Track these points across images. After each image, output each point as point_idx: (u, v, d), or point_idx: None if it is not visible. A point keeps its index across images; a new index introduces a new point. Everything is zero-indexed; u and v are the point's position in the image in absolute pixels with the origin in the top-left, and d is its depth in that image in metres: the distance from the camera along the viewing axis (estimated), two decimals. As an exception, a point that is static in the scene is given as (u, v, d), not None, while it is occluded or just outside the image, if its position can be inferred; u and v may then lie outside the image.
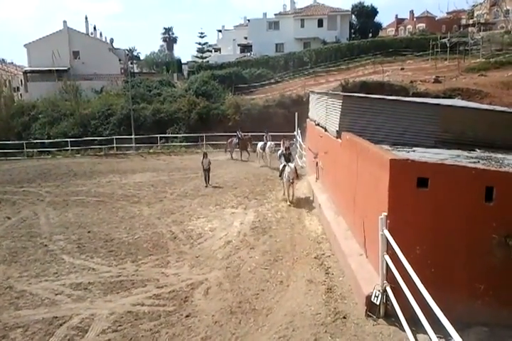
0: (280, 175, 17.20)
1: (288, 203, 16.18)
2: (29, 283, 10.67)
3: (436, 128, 12.28)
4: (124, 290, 10.01)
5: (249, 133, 28.38)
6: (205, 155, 21.33)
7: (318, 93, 18.06)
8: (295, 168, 16.69)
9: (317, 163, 16.33)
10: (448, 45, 43.40)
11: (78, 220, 15.76)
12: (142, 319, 8.73)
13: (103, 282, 10.51)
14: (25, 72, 52.04)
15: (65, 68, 49.12)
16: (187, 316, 8.74)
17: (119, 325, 8.56)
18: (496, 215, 6.89)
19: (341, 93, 16.33)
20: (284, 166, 16.70)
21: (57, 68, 46.67)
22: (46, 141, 33.48)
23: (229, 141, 28.24)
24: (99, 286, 10.29)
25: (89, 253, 12.47)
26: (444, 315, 4.53)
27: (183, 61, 67.67)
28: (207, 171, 20.89)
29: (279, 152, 18.73)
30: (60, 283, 10.59)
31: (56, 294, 10.01)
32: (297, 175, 16.89)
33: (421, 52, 46.39)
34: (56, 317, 8.99)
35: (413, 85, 34.77)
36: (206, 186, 20.44)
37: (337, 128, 12.54)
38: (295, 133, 27.48)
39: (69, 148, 32.34)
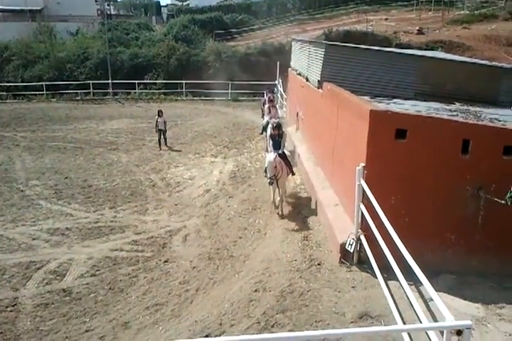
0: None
1: (277, 212, 10.63)
2: (5, 227, 10.65)
3: (416, 79, 12.20)
4: (102, 236, 10.10)
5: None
6: (159, 113, 18.42)
7: (300, 41, 17.58)
8: (281, 157, 10.65)
9: (297, 114, 16.20)
10: (433, -5, 42.39)
11: (55, 166, 15.55)
12: (120, 264, 8.87)
13: (81, 228, 10.55)
14: (-5, 11, 49.27)
15: (39, 8, 46.57)
16: (165, 261, 8.90)
17: (98, 270, 8.69)
18: (470, 168, 6.99)
19: (324, 42, 15.92)
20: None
21: (30, 8, 44.17)
22: (20, 84, 32.25)
23: (263, 103, 19.89)
24: (77, 232, 10.34)
25: (67, 199, 12.42)
26: (415, 263, 4.67)
27: (162, 3, 64.92)
28: (162, 132, 18.09)
29: (268, 126, 13.49)
30: (37, 228, 10.60)
31: (33, 239, 10.05)
32: (288, 168, 10.88)
33: (405, 2, 45.30)
34: (33, 261, 9.07)
35: (396, 36, 34.18)
36: (160, 150, 17.70)
37: (318, 78, 12.34)
38: (276, 82, 27.02)
39: (44, 92, 31.30)
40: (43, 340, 6.82)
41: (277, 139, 11.00)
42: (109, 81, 31.61)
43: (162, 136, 18.04)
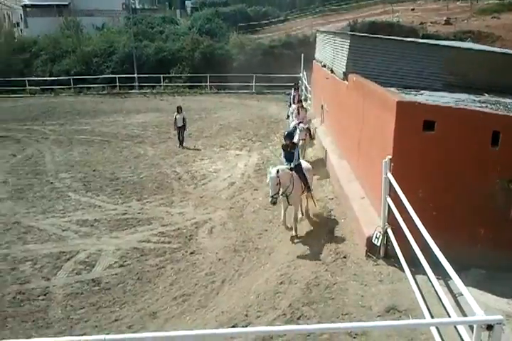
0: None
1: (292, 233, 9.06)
2: (36, 218, 10.92)
3: (443, 70, 11.97)
4: (130, 228, 10.28)
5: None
6: (178, 109, 17.61)
7: (325, 32, 17.41)
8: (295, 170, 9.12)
9: (322, 106, 16.08)
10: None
11: (83, 159, 15.85)
12: (148, 255, 9.01)
13: (109, 219, 10.75)
14: (24, 7, 50.12)
15: (66, 3, 47.20)
16: (191, 253, 9.01)
17: (126, 261, 8.85)
18: (500, 160, 6.85)
19: (349, 32, 15.72)
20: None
21: (57, 3, 44.83)
22: (48, 78, 32.88)
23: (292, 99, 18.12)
24: (106, 223, 10.54)
25: (95, 191, 12.66)
26: (443, 257, 4.61)
27: (186, -3, 64.85)
28: (181, 129, 17.29)
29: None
30: (67, 219, 10.84)
31: (63, 230, 10.29)
32: (303, 183, 9.19)
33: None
34: (63, 252, 9.29)
35: (423, 27, 33.52)
36: (179, 146, 17.12)
37: (344, 70, 12.21)
38: (300, 74, 26.85)
39: (71, 86, 31.85)
40: (73, 328, 6.99)
41: (289, 150, 9.14)
42: (135, 75, 31.93)
43: (181, 133, 17.30)
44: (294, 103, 16.28)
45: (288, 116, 16.18)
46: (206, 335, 5.56)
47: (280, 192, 8.61)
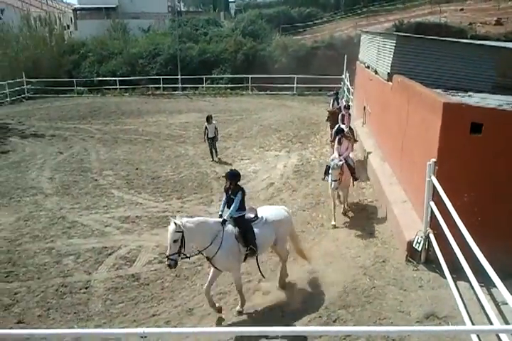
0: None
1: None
2: (80, 214, 11.25)
3: (494, 72, 11.58)
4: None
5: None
6: (208, 119, 15.86)
7: (370, 33, 17.18)
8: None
9: (365, 107, 15.86)
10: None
11: (126, 157, 16.23)
12: (186, 252, 9.09)
13: (150, 216, 10.95)
14: (74, 10, 52.00)
15: (114, 6, 48.69)
16: (229, 252, 9.02)
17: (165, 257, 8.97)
18: (551, 165, 6.57)
19: (395, 33, 15.44)
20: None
21: (105, 6, 46.29)
22: (95, 79, 33.91)
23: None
24: (146, 220, 10.74)
25: (137, 188, 12.94)
26: (488, 264, 4.45)
27: (230, -1, 65.50)
28: (212, 140, 15.72)
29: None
30: (110, 215, 11.12)
31: (105, 226, 10.55)
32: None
33: (484, -10, 42.76)
34: (105, 247, 9.52)
35: (472, 27, 32.46)
36: (212, 160, 15.53)
37: (388, 71, 12.02)
38: (343, 76, 26.58)
39: (117, 86, 32.70)
40: (112, 322, 7.15)
41: (229, 193, 7.21)
42: (179, 76, 32.46)
43: (213, 145, 15.72)
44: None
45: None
46: (242, 332, 5.61)
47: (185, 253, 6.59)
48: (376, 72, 14.12)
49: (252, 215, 7.15)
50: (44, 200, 12.22)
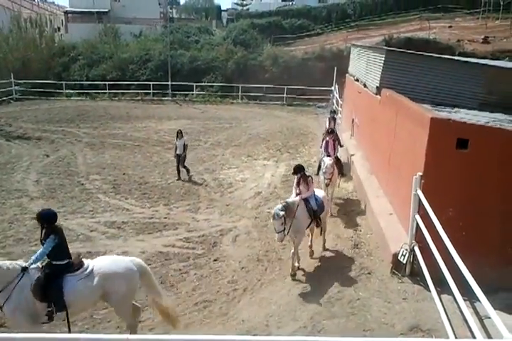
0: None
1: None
2: (65, 218, 11.13)
3: (481, 89, 11.82)
4: (156, 232, 10.40)
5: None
6: (178, 134, 14.85)
7: (360, 47, 17.44)
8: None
9: (353, 120, 16.05)
10: (502, 2, 40.62)
11: (114, 162, 16.16)
12: (172, 259, 9.09)
13: (136, 222, 10.91)
14: (66, 12, 51.83)
15: (106, 10, 48.67)
16: (215, 260, 9.05)
17: (150, 264, 8.86)
18: (535, 182, 6.72)
19: (385, 47, 15.71)
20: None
21: (97, 10, 46.28)
22: (85, 82, 33.77)
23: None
24: (133, 226, 10.70)
25: (124, 194, 12.88)
26: (472, 278, 4.53)
27: (222, 8, 66.06)
28: (180, 158, 14.46)
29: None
30: (95, 220, 11.05)
31: (91, 230, 10.48)
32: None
33: (471, 9, 43.67)
34: (90, 252, 9.43)
35: (460, 44, 33.09)
36: (178, 179, 14.23)
37: (377, 85, 12.20)
38: (333, 88, 26.89)
39: (107, 91, 32.60)
40: (95, 328, 7.09)
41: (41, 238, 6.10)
42: (169, 82, 32.49)
43: (181, 162, 14.47)
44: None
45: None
46: (227, 342, 5.60)
47: None
48: (365, 86, 14.32)
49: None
50: (29, 203, 12.09)
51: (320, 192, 8.99)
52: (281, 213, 7.61)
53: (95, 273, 5.97)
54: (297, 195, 8.43)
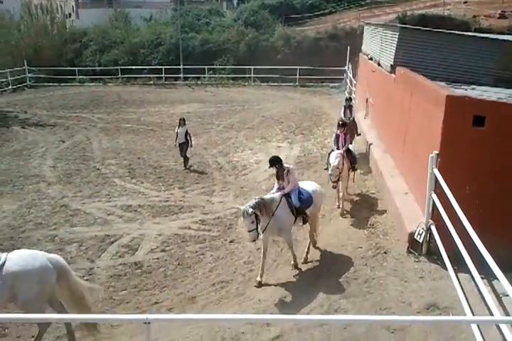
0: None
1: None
2: (83, 202, 11.32)
3: (496, 65, 11.57)
4: (172, 214, 10.51)
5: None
6: (180, 122, 14.10)
7: (373, 25, 17.11)
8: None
9: (367, 99, 15.85)
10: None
11: (129, 147, 16.27)
12: (188, 241, 9.20)
13: (152, 205, 11.02)
14: (76, -2, 51.60)
15: (116, -5, 48.35)
16: (231, 241, 9.13)
17: (167, 246, 9.07)
18: (554, 158, 6.59)
19: (398, 25, 15.39)
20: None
21: (107, -6, 45.99)
22: (97, 68, 33.82)
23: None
24: (149, 209, 10.81)
25: (139, 178, 13.00)
26: (490, 256, 4.49)
27: (233, -11, 64.96)
28: (183, 147, 13.92)
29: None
30: (112, 204, 11.19)
31: (108, 214, 10.63)
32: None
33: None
34: (108, 235, 9.60)
35: (476, 20, 32.27)
36: (184, 168, 13.79)
37: (391, 63, 12.00)
38: (346, 68, 26.52)
39: (119, 76, 32.64)
40: (115, 309, 7.24)
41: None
42: (181, 66, 32.35)
43: (183, 152, 13.96)
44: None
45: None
46: (244, 320, 5.68)
47: None
48: (379, 64, 14.09)
49: None
50: (47, 188, 12.28)
51: (309, 185, 8.19)
52: (251, 210, 6.95)
53: (4, 271, 5.42)
54: (279, 189, 7.74)
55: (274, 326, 5.84)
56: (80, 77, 33.02)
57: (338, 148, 10.27)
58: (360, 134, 13.63)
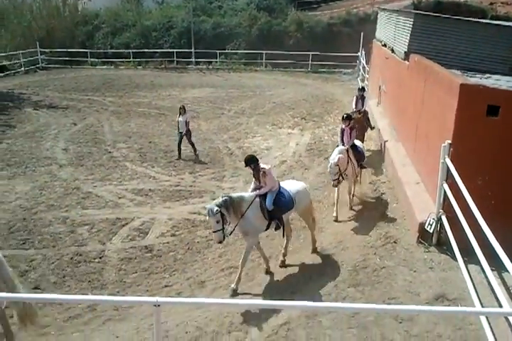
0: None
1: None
2: (94, 185, 11.41)
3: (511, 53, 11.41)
4: (182, 199, 10.58)
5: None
6: (181, 109, 13.53)
7: (388, 11, 16.84)
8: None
9: (380, 87, 15.69)
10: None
11: (140, 130, 16.31)
12: (198, 226, 9.27)
13: (163, 190, 11.09)
14: (88, -21, 51.13)
15: (128, -24, 47.80)
16: (240, 228, 9.15)
17: (177, 230, 9.15)
18: None
19: (413, 11, 15.14)
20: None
21: (119, -24, 45.45)
22: (109, 51, 33.72)
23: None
24: (159, 193, 10.89)
25: (150, 162, 13.05)
26: (501, 248, 4.48)
27: (246, -29, 64.02)
28: (185, 136, 13.43)
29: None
30: (123, 187, 11.27)
31: (119, 197, 10.71)
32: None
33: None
34: (119, 218, 9.69)
35: (493, 7, 31.61)
36: (178, 158, 13.31)
37: (405, 50, 11.87)
38: (359, 54, 26.21)
39: (131, 59, 32.54)
40: (125, 291, 7.35)
41: None
42: (192, 50, 32.16)
43: (183, 141, 13.48)
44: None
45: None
46: (253, 305, 5.76)
47: None
48: (393, 51, 13.92)
49: None
50: (59, 171, 12.39)
51: (293, 185, 7.61)
52: (216, 209, 6.47)
53: None
54: (255, 190, 7.18)
55: (282, 312, 5.91)
56: (92, 59, 32.97)
57: (343, 144, 9.50)
58: (373, 128, 13.23)
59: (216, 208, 6.49)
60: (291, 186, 7.49)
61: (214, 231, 6.68)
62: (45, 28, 34.73)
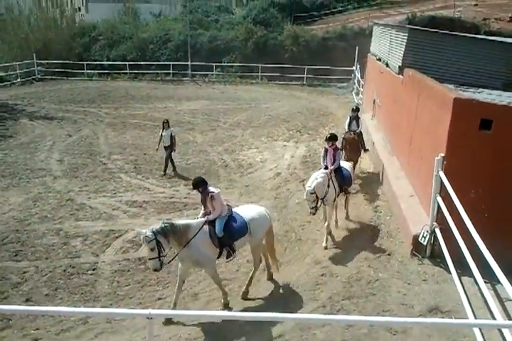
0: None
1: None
2: (88, 197, 11.37)
3: (505, 69, 11.57)
4: (177, 211, 10.55)
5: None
6: (164, 124, 13.49)
7: (382, 25, 17.08)
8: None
9: (374, 100, 15.83)
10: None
11: (135, 142, 16.32)
12: (192, 239, 9.20)
13: (157, 202, 11.07)
14: (85, -8, 51.65)
15: (125, -11, 48.31)
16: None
17: (171, 243, 9.07)
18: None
19: (407, 26, 15.37)
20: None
21: (117, -11, 45.94)
22: (105, 63, 33.87)
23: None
24: (154, 205, 10.86)
25: (145, 174, 13.04)
26: (494, 260, 4.50)
27: (243, -14, 64.81)
28: (168, 150, 13.24)
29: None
30: (117, 199, 11.23)
31: (113, 209, 10.67)
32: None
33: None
34: (113, 230, 9.65)
35: (486, 23, 32.16)
36: (163, 174, 13.00)
37: (400, 64, 12.01)
38: (354, 68, 26.48)
39: (127, 71, 32.69)
40: (118, 304, 7.28)
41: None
42: (189, 62, 32.37)
43: (168, 156, 13.26)
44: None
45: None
46: (246, 317, 5.71)
47: None
48: (387, 65, 14.08)
49: None
50: (53, 182, 12.35)
51: (249, 211, 7.14)
52: (150, 235, 6.07)
53: None
54: (205, 215, 6.84)
55: (276, 325, 5.88)
56: (88, 71, 33.09)
57: (326, 167, 8.80)
58: (367, 150, 12.55)
59: (150, 234, 6.09)
60: (246, 211, 7.11)
61: (149, 259, 6.32)
62: (42, 40, 34.89)
